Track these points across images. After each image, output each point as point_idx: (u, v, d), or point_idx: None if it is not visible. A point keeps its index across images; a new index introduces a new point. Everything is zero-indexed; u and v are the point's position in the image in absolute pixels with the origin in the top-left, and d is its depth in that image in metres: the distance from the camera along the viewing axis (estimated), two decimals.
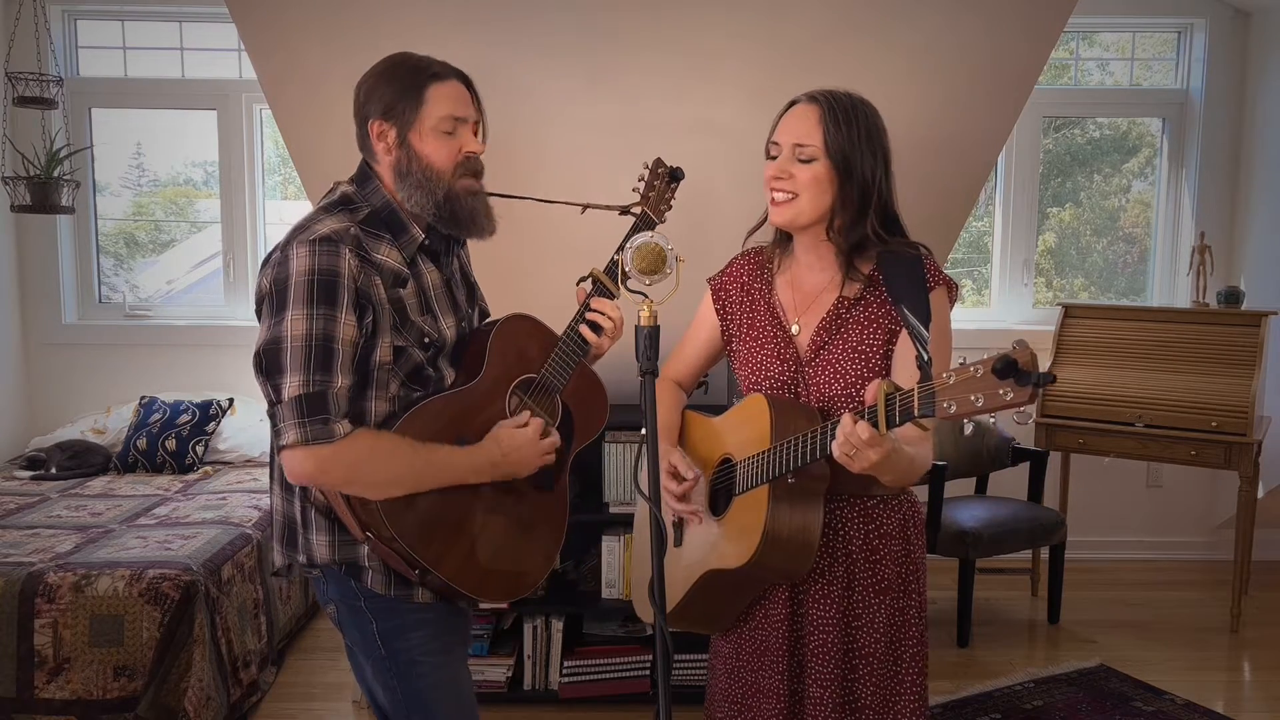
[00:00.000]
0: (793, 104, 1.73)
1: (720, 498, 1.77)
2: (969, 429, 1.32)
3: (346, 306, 1.57)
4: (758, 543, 1.60)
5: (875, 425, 1.41)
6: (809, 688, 1.72)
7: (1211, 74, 4.48)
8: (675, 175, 1.95)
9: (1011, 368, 1.21)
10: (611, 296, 1.86)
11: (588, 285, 1.88)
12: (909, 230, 1.76)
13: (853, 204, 1.67)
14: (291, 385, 1.54)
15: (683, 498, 1.77)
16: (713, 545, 1.74)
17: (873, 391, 1.41)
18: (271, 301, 1.59)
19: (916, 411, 1.34)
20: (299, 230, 1.63)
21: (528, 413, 1.76)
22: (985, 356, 1.25)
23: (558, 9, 2.64)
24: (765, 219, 1.80)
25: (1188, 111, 4.58)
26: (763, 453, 1.63)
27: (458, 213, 1.70)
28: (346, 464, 1.57)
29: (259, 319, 1.63)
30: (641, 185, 1.95)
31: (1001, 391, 1.23)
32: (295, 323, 1.55)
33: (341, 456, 1.56)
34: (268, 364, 1.57)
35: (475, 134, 1.73)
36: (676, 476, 1.77)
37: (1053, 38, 2.77)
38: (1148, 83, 4.70)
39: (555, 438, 1.78)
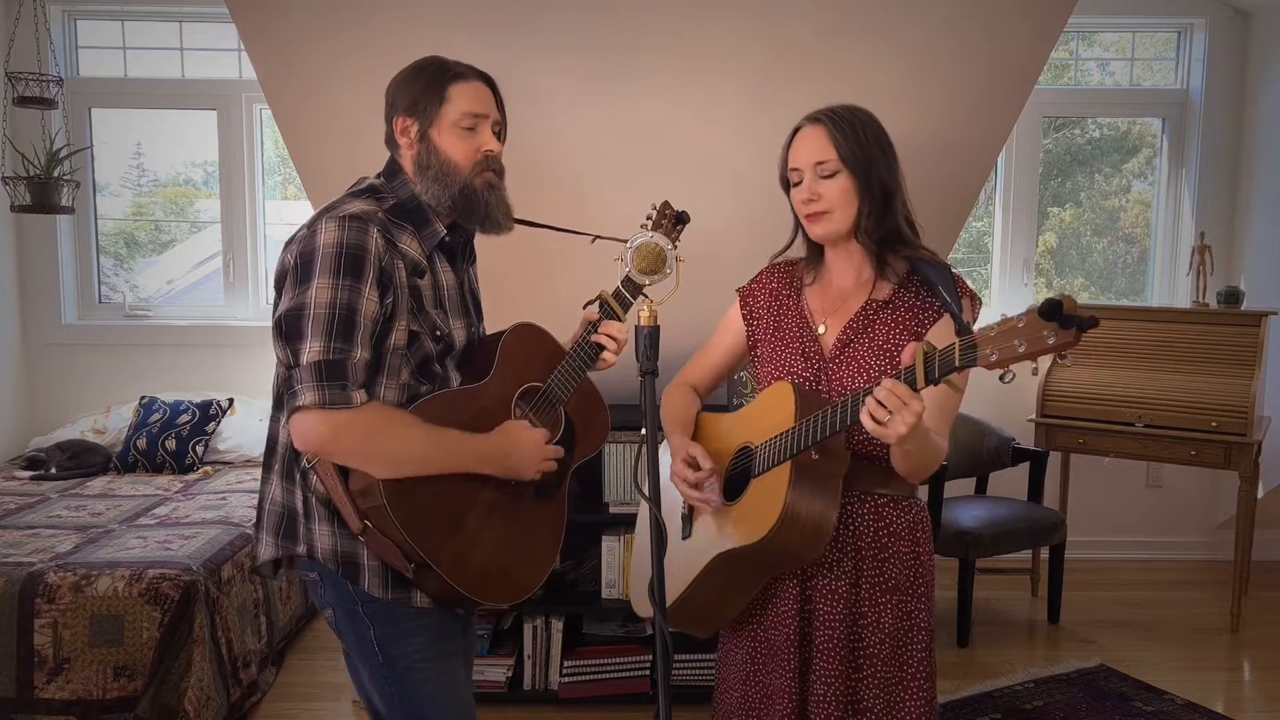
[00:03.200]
0: (796, 131, 1.77)
1: (734, 484, 1.77)
2: (1010, 378, 1.34)
3: (371, 282, 1.60)
4: (776, 519, 1.59)
5: (913, 385, 1.43)
6: (814, 685, 1.72)
7: (1211, 74, 4.48)
8: (681, 219, 1.96)
9: (1056, 309, 1.25)
10: (618, 319, 1.88)
11: (594, 308, 1.89)
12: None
13: (877, 204, 1.72)
14: (312, 350, 1.56)
15: (698, 486, 1.77)
16: (726, 528, 1.73)
17: (910, 353, 1.44)
18: (296, 272, 1.61)
19: (958, 362, 1.37)
20: (327, 209, 1.66)
21: (536, 424, 1.78)
22: (1028, 308, 1.30)
23: (558, 10, 2.64)
24: (790, 243, 1.85)
25: (1188, 111, 4.58)
26: (786, 431, 1.64)
27: (474, 205, 1.74)
28: (360, 432, 1.58)
29: (278, 294, 1.64)
30: (649, 224, 1.95)
31: (1045, 334, 1.26)
32: (320, 291, 1.57)
33: (356, 423, 1.57)
34: (288, 329, 1.59)
35: (494, 134, 1.77)
36: (694, 465, 1.76)
37: (1053, 38, 2.77)
38: (1148, 83, 4.70)
39: (559, 450, 1.80)
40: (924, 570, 1.77)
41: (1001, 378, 1.33)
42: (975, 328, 1.74)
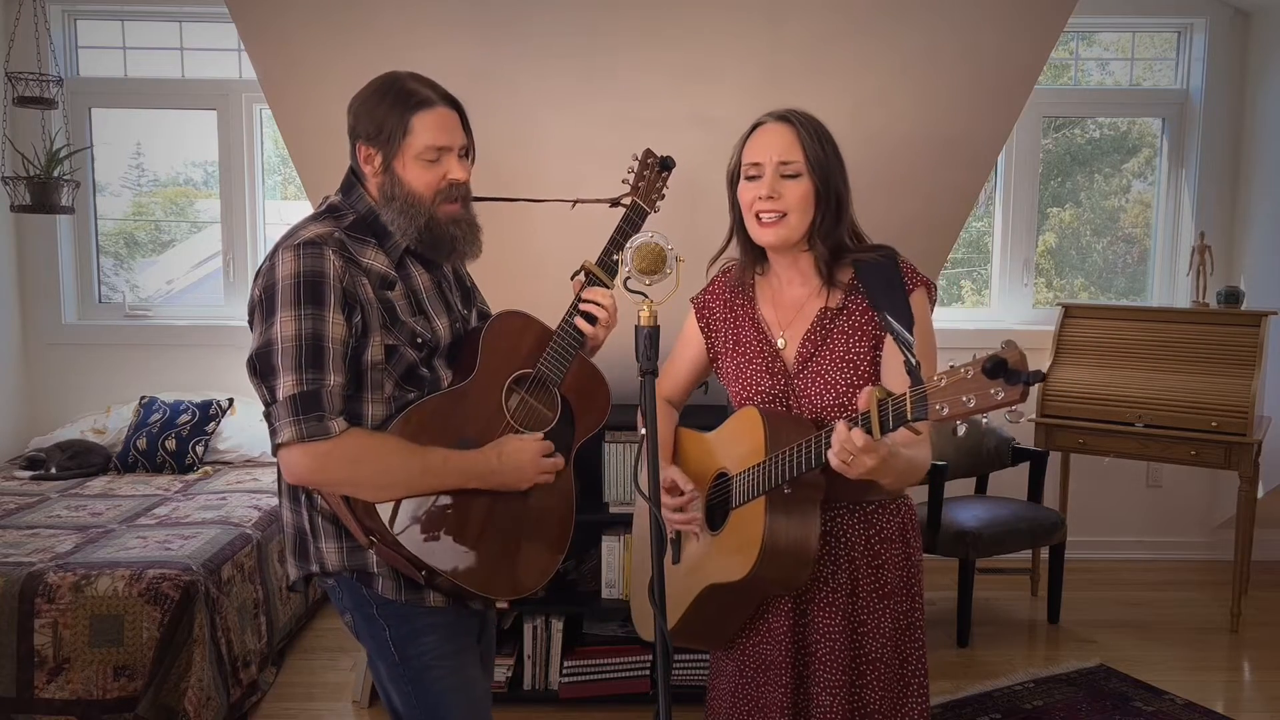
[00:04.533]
0: (758, 125, 1.74)
1: (717, 513, 1.77)
2: (962, 430, 1.32)
3: (334, 306, 1.60)
4: (756, 555, 1.60)
5: (869, 431, 1.41)
6: (818, 696, 1.71)
7: (1211, 74, 4.48)
8: (666, 164, 1.95)
9: (1001, 367, 1.21)
10: (605, 287, 1.86)
11: (581, 278, 1.88)
12: (906, 230, 1.77)
13: (832, 215, 1.71)
14: (286, 385, 1.57)
15: (681, 511, 1.77)
16: (711, 559, 1.73)
17: (865, 398, 1.42)
18: (262, 308, 1.61)
19: (910, 415, 1.35)
20: (285, 238, 1.66)
21: (538, 435, 1.77)
22: (974, 358, 1.26)
23: (556, 7, 2.64)
24: (726, 245, 1.83)
25: (1188, 111, 4.58)
26: (758, 465, 1.64)
27: (439, 239, 1.72)
28: (344, 461, 1.58)
29: (251, 329, 1.65)
30: (631, 176, 1.94)
31: (993, 391, 1.23)
32: (285, 324, 1.58)
33: (339, 453, 1.57)
34: (261, 367, 1.60)
35: (462, 159, 1.74)
36: (674, 491, 1.77)
37: (1053, 38, 2.77)
38: (1148, 83, 4.70)
39: (559, 461, 1.79)
40: (915, 569, 1.78)
41: (954, 431, 1.31)
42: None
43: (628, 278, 1.83)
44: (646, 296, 1.53)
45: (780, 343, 1.76)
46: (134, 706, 2.76)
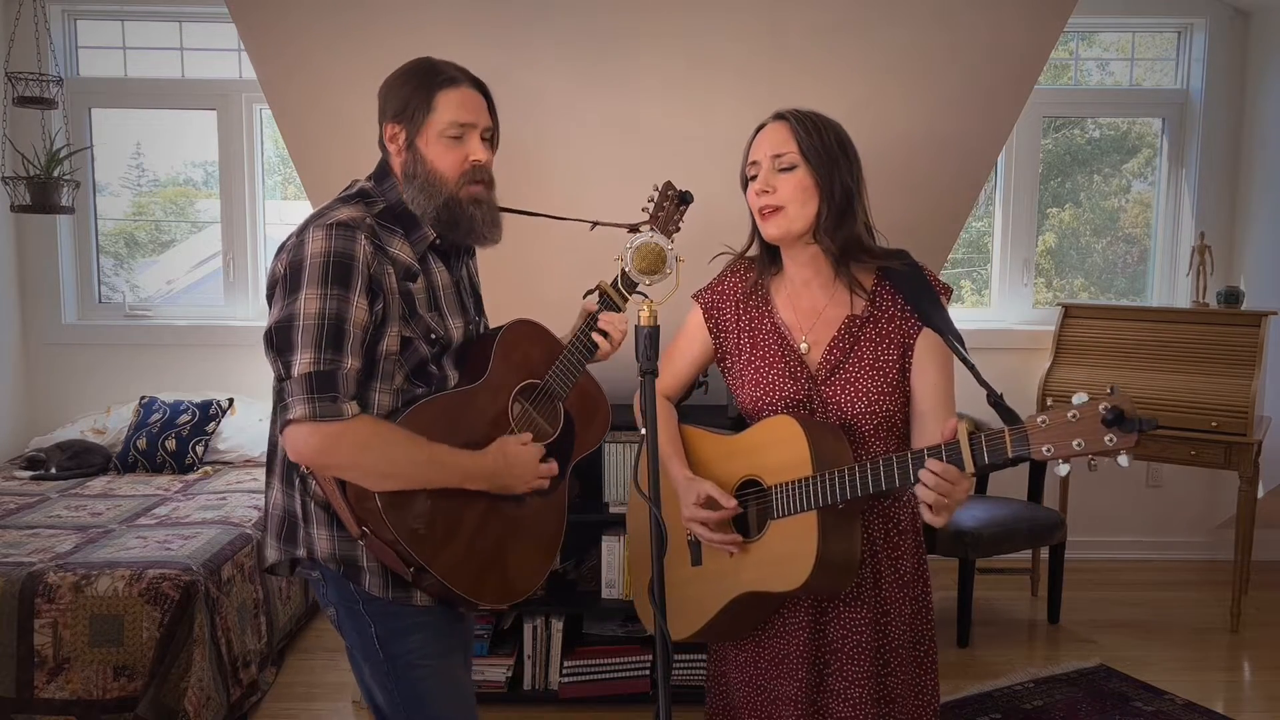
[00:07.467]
0: (759, 128, 1.76)
1: (746, 519, 1.75)
2: (1065, 470, 1.37)
3: (359, 290, 1.59)
4: (810, 568, 1.61)
5: (960, 464, 1.43)
6: (845, 690, 1.72)
7: (1211, 74, 4.48)
8: (685, 198, 1.95)
9: (1120, 417, 1.28)
10: (618, 310, 1.87)
11: (594, 298, 1.88)
12: (906, 231, 1.78)
13: (837, 206, 1.69)
14: (302, 362, 1.56)
15: (718, 527, 1.74)
16: (749, 567, 1.72)
17: (952, 430, 1.44)
18: (285, 282, 1.60)
19: (1010, 453, 1.38)
20: (316, 217, 1.65)
21: (529, 434, 1.77)
22: (1083, 401, 1.32)
23: (561, 10, 2.64)
24: (746, 248, 1.83)
25: (1188, 111, 4.58)
26: (807, 480, 1.63)
27: (458, 218, 1.71)
28: (351, 445, 1.57)
29: (270, 304, 1.64)
30: (651, 205, 1.95)
31: (1107, 439, 1.29)
32: (309, 301, 1.57)
33: (347, 437, 1.56)
34: (279, 340, 1.58)
35: (485, 141, 1.74)
36: (711, 505, 1.73)
37: (1053, 38, 2.77)
38: (1148, 83, 4.70)
39: (553, 467, 1.79)
40: (924, 554, 1.81)
41: (1057, 469, 1.35)
42: (952, 315, 1.75)
43: (634, 283, 1.83)
44: (646, 296, 1.54)
45: (803, 346, 1.75)
46: (134, 706, 2.76)
